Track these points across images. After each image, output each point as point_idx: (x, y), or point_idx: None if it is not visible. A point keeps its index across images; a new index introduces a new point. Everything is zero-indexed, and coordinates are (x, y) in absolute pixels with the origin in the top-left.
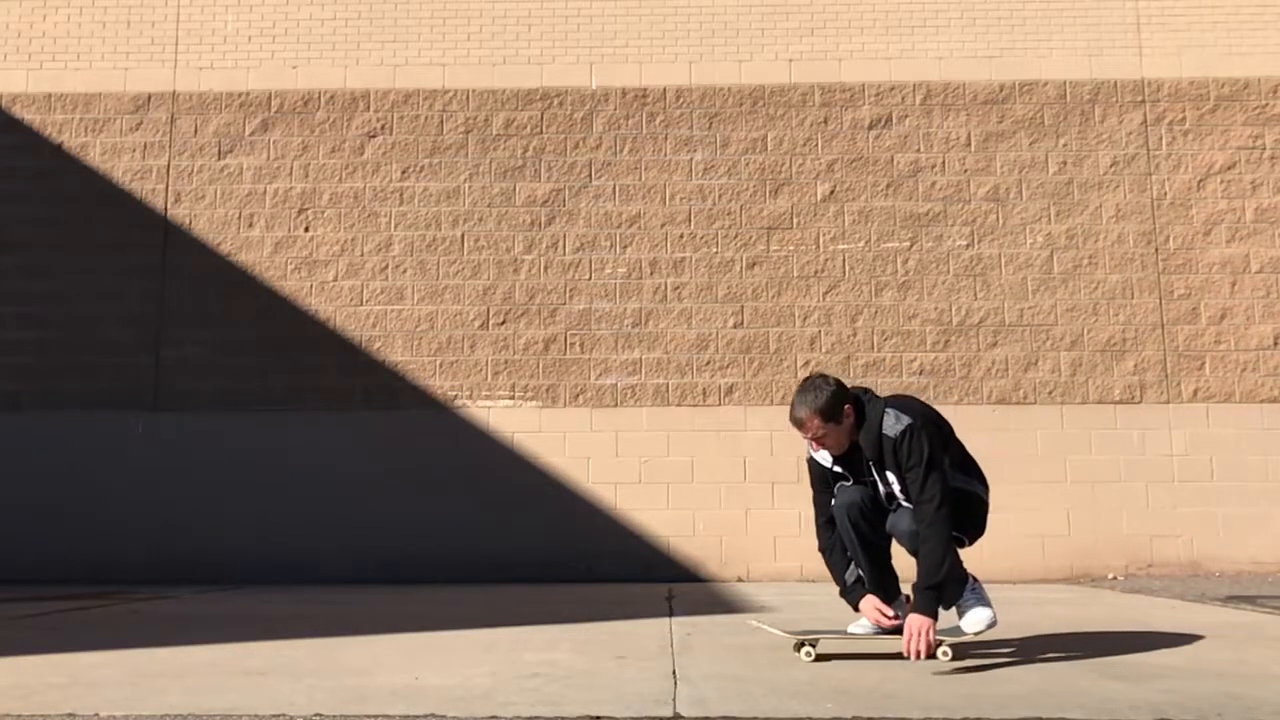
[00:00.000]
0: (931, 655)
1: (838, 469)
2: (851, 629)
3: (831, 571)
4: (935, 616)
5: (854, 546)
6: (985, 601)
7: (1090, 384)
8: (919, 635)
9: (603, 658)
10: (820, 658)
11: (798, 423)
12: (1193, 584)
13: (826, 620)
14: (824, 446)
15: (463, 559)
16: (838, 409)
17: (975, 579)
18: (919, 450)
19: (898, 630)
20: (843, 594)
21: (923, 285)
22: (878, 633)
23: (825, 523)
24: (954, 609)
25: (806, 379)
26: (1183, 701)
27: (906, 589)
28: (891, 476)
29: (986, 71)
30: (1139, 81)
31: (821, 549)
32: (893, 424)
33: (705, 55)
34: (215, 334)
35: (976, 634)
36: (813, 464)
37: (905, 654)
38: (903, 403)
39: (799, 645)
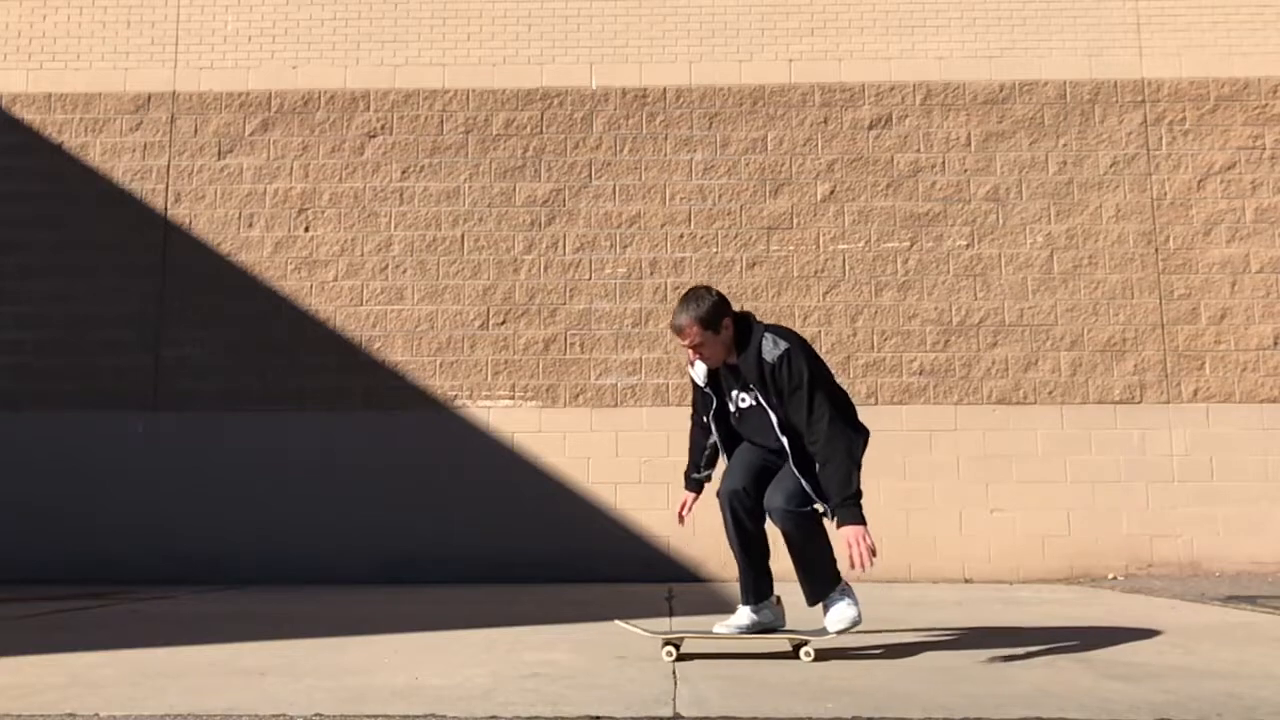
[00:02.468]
0: (873, 555)
1: (707, 390)
2: (717, 629)
3: (689, 454)
4: (863, 523)
5: (734, 541)
6: (853, 600)
7: (1090, 384)
8: (858, 544)
9: (603, 658)
10: (682, 657)
11: (677, 329)
12: (1193, 584)
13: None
14: (700, 358)
15: (463, 559)
16: (717, 320)
17: (846, 583)
18: (799, 372)
19: (765, 630)
20: (685, 482)
21: (923, 285)
22: (742, 632)
23: (695, 426)
24: (819, 606)
25: (690, 289)
26: (1183, 701)
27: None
28: (773, 401)
29: (986, 71)
30: (1139, 81)
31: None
32: (770, 348)
33: (705, 55)
34: (215, 334)
35: (839, 633)
36: (693, 383)
37: (851, 566)
38: (780, 330)
39: (664, 644)
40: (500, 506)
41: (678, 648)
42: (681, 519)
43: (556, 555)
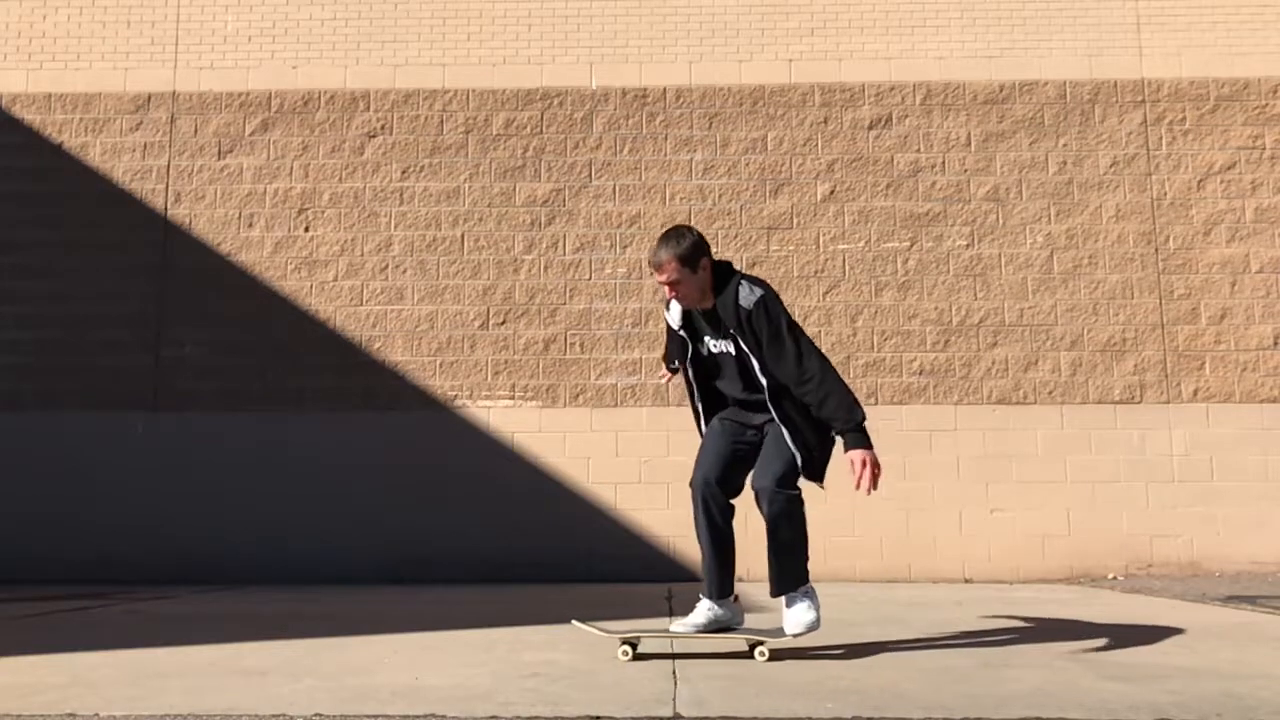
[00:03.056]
0: (876, 478)
1: (683, 333)
2: (674, 628)
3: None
4: (870, 447)
5: (702, 533)
6: (814, 603)
7: (1090, 384)
8: (867, 467)
9: (603, 658)
10: (638, 657)
11: (656, 265)
12: (1193, 584)
13: (828, 620)
14: (676, 296)
15: (463, 559)
16: (695, 259)
17: (811, 585)
18: (776, 317)
19: (722, 628)
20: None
21: (923, 285)
22: (699, 630)
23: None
24: (782, 600)
25: (671, 227)
26: (1183, 701)
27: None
28: (750, 343)
29: (986, 71)
30: (1139, 81)
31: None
32: (747, 294)
33: (705, 55)
34: (215, 334)
35: (796, 636)
36: (668, 329)
37: (856, 487)
38: (755, 279)
39: (621, 644)
40: (500, 506)
41: (634, 647)
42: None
43: (556, 555)
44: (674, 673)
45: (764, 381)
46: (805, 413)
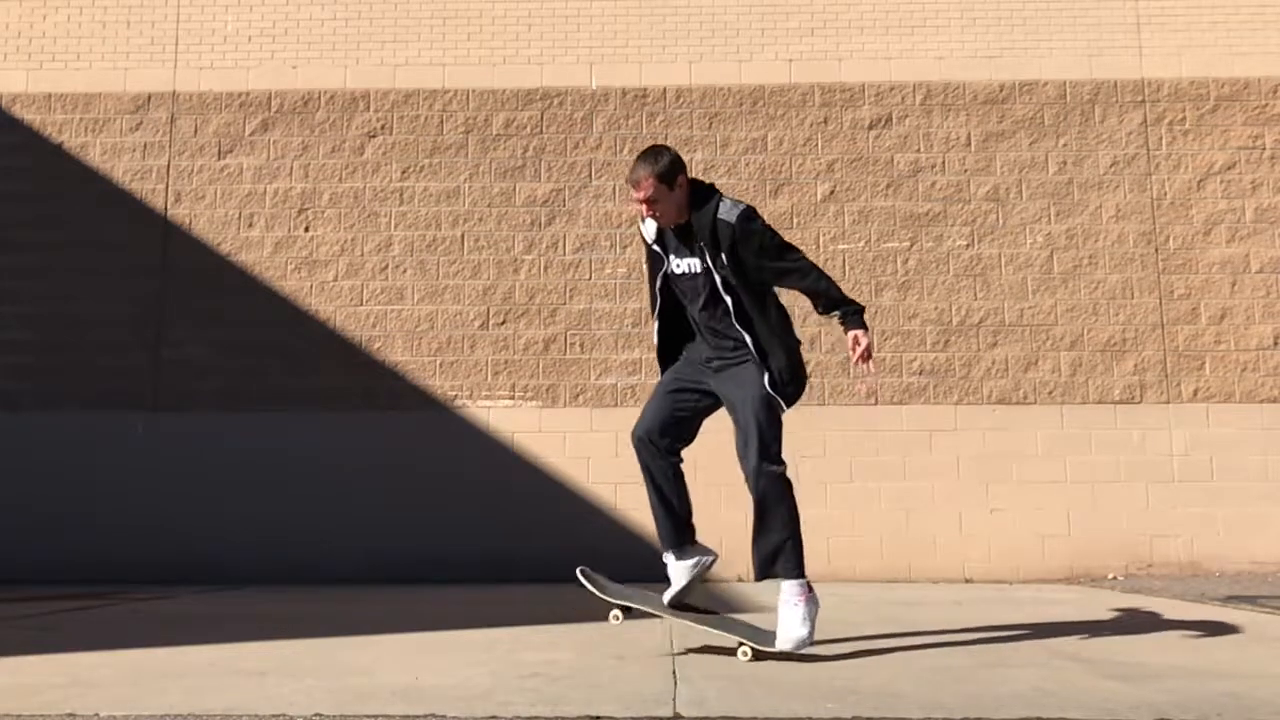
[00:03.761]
0: (869, 357)
1: (656, 247)
2: (666, 598)
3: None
4: (867, 329)
5: (648, 487)
6: (809, 616)
7: (1090, 384)
8: (863, 346)
9: (603, 658)
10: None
11: (634, 182)
12: (1193, 584)
13: (828, 620)
14: (653, 215)
15: (462, 559)
16: (673, 176)
17: (811, 587)
18: (763, 231)
19: (701, 572)
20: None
21: (923, 285)
22: (683, 589)
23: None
24: (779, 599)
25: (649, 147)
26: (1183, 701)
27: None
28: (719, 260)
29: (986, 71)
30: (1139, 81)
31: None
32: (729, 209)
33: (705, 55)
34: (215, 334)
35: (784, 651)
36: (646, 248)
37: (853, 365)
38: (736, 199)
39: (613, 608)
40: (500, 506)
41: (627, 612)
42: None
43: (556, 555)
44: (674, 673)
45: (728, 300)
46: (772, 332)
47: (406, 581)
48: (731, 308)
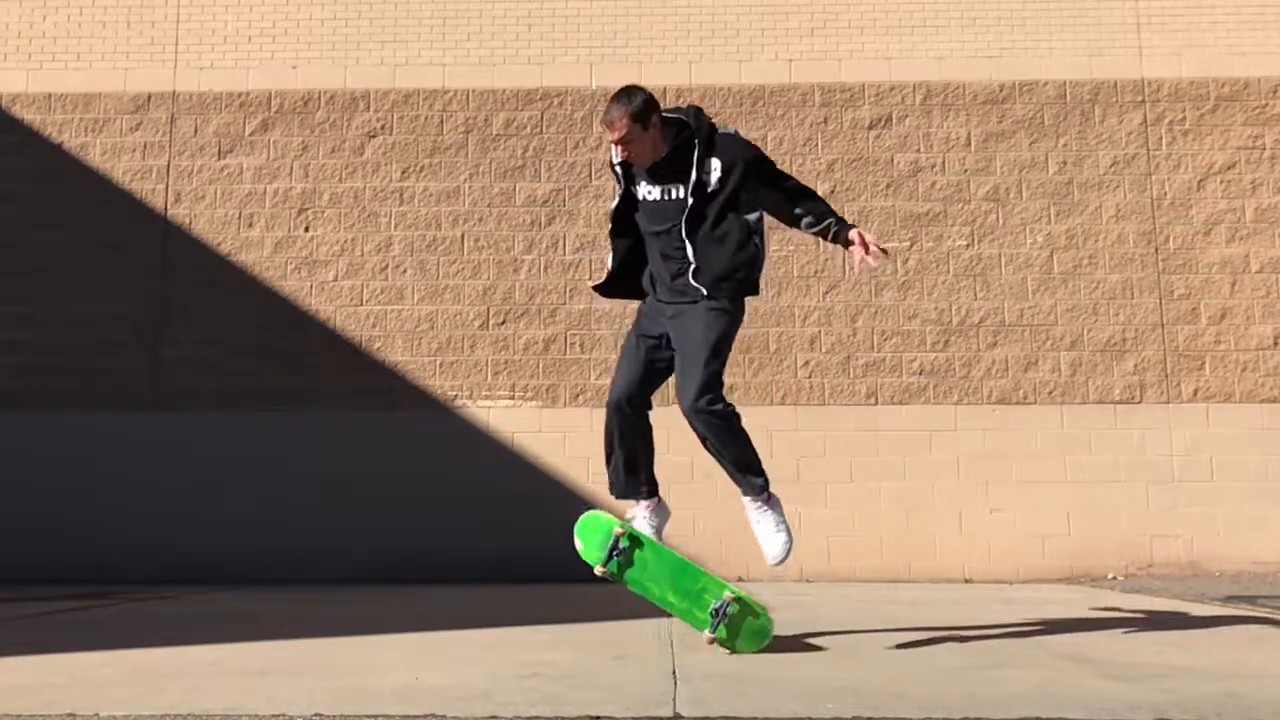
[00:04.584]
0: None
1: (618, 168)
2: (631, 522)
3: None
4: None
5: (614, 443)
6: (781, 523)
7: (1090, 384)
8: (864, 239)
9: (602, 657)
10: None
11: (609, 123)
12: (1193, 584)
13: (828, 619)
14: (628, 155)
15: (462, 559)
16: (647, 115)
17: (769, 493)
18: (764, 157)
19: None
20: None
21: (923, 285)
22: (648, 518)
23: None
24: (760, 525)
25: (622, 88)
26: (1183, 701)
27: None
28: (714, 171)
29: (986, 71)
30: (1139, 81)
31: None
32: (723, 129)
33: (705, 55)
34: (215, 334)
35: (779, 563)
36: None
37: (863, 256)
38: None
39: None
40: (500, 506)
41: (629, 533)
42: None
43: (556, 555)
44: (674, 673)
45: (684, 232)
46: (723, 242)
47: (406, 581)
48: (698, 226)
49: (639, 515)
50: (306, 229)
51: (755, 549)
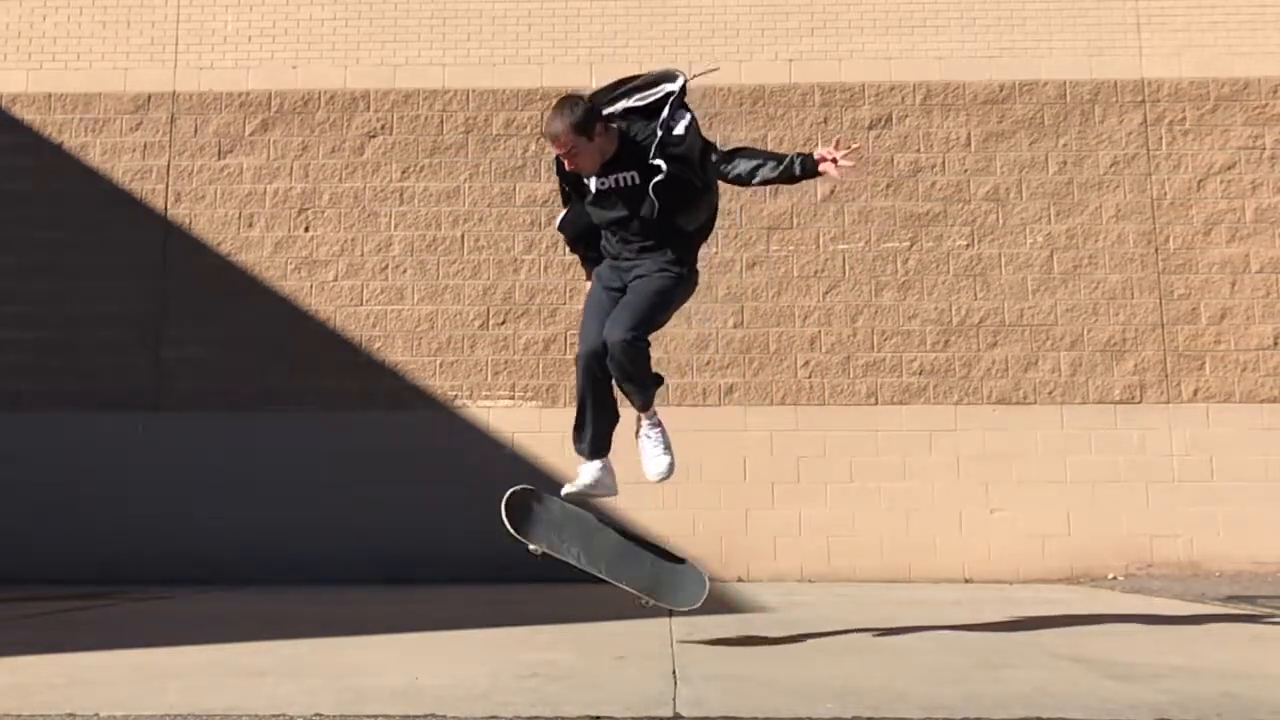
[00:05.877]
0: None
1: (562, 176)
2: (565, 491)
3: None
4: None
5: (586, 396)
6: (667, 444)
7: (1090, 384)
8: (829, 156)
9: (603, 658)
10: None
11: (552, 137)
12: (1193, 584)
13: (829, 619)
14: (576, 165)
15: (462, 559)
16: (590, 126)
17: (657, 415)
18: (702, 136)
19: (604, 494)
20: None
21: (923, 285)
22: (587, 490)
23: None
24: (650, 440)
25: (562, 97)
26: (1183, 701)
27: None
28: (670, 152)
29: (986, 71)
30: (1139, 81)
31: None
32: (682, 119)
33: (705, 55)
34: (215, 334)
35: (662, 479)
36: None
37: (838, 168)
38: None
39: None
40: (500, 506)
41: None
42: None
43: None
44: (674, 673)
45: (652, 205)
46: (684, 229)
47: (406, 581)
48: (656, 209)
49: (598, 469)
50: (306, 229)
51: (754, 549)
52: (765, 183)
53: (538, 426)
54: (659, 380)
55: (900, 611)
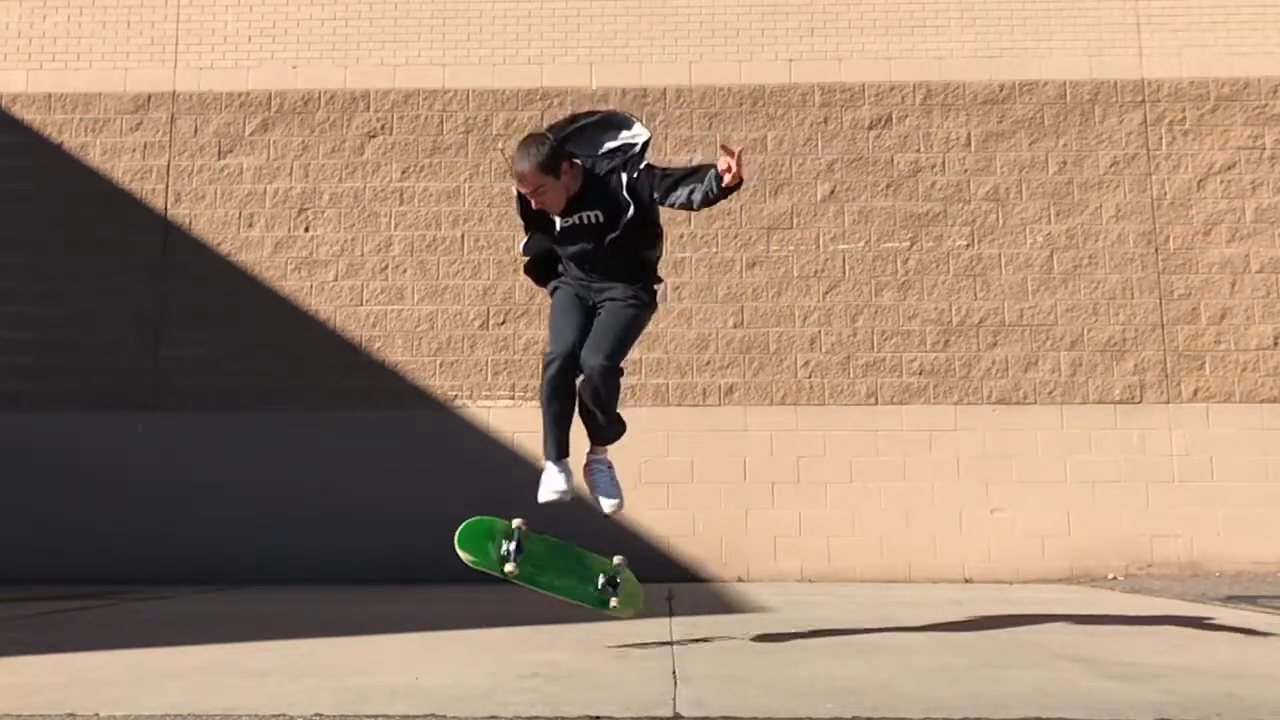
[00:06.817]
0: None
1: (523, 213)
2: (541, 498)
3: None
4: None
5: (550, 401)
6: (617, 481)
7: (1090, 384)
8: (726, 164)
9: (603, 658)
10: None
11: (520, 176)
12: (1193, 584)
13: (828, 620)
14: (542, 203)
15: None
16: (556, 165)
17: (610, 463)
18: (650, 163)
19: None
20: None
21: (923, 285)
22: (563, 496)
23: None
24: (602, 476)
25: (527, 135)
26: (1183, 701)
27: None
28: (629, 196)
29: (986, 71)
30: (1139, 81)
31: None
32: (635, 168)
33: (705, 55)
34: (215, 334)
35: (615, 511)
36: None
37: (733, 172)
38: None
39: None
40: (500, 506)
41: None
42: None
43: None
44: (674, 673)
45: (617, 238)
46: (645, 260)
47: (406, 581)
48: (619, 243)
49: (560, 473)
50: (306, 229)
51: (755, 549)
52: (706, 203)
53: (537, 426)
54: (623, 426)
55: (900, 611)
